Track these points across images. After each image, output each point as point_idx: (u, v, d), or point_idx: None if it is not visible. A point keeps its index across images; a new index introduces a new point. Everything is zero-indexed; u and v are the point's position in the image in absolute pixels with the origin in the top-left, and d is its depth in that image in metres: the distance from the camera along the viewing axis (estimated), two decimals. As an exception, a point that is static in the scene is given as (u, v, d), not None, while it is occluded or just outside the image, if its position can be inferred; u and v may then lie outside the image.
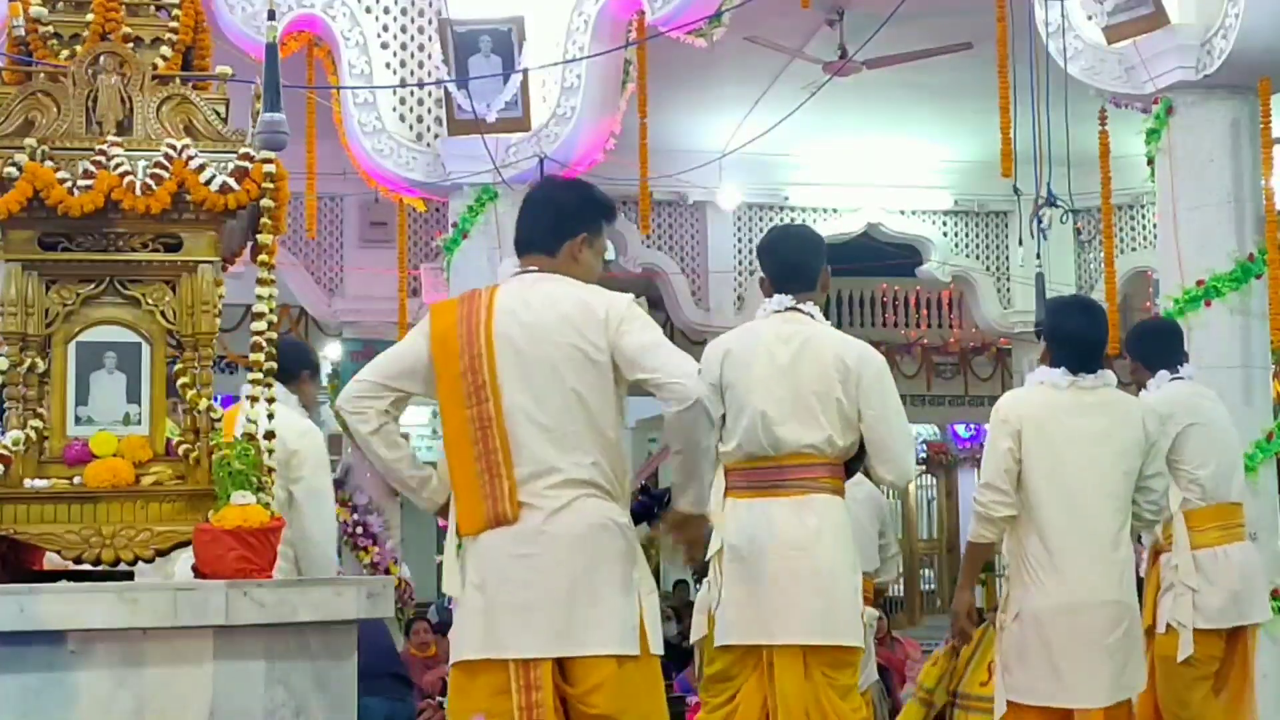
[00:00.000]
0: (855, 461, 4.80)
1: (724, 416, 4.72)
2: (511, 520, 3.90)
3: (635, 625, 3.90)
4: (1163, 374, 6.28)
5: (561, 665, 3.88)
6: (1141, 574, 6.32)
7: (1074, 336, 5.29)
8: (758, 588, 4.63)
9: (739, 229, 13.91)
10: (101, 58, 4.15)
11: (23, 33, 4.23)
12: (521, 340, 3.96)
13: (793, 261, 4.86)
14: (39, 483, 3.97)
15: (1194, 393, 6.31)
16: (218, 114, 4.21)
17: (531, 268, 4.13)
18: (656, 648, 3.96)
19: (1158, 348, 6.43)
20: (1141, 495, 5.22)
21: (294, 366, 5.61)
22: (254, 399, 4.10)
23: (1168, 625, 6.08)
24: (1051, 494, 5.12)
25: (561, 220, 4.16)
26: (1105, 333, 5.37)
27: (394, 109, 9.57)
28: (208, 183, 4.00)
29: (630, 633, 3.89)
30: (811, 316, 4.81)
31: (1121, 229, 13.74)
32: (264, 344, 4.12)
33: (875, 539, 6.86)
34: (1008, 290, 14.57)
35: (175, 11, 4.33)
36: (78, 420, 4.05)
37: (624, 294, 4.08)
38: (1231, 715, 6.19)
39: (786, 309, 4.81)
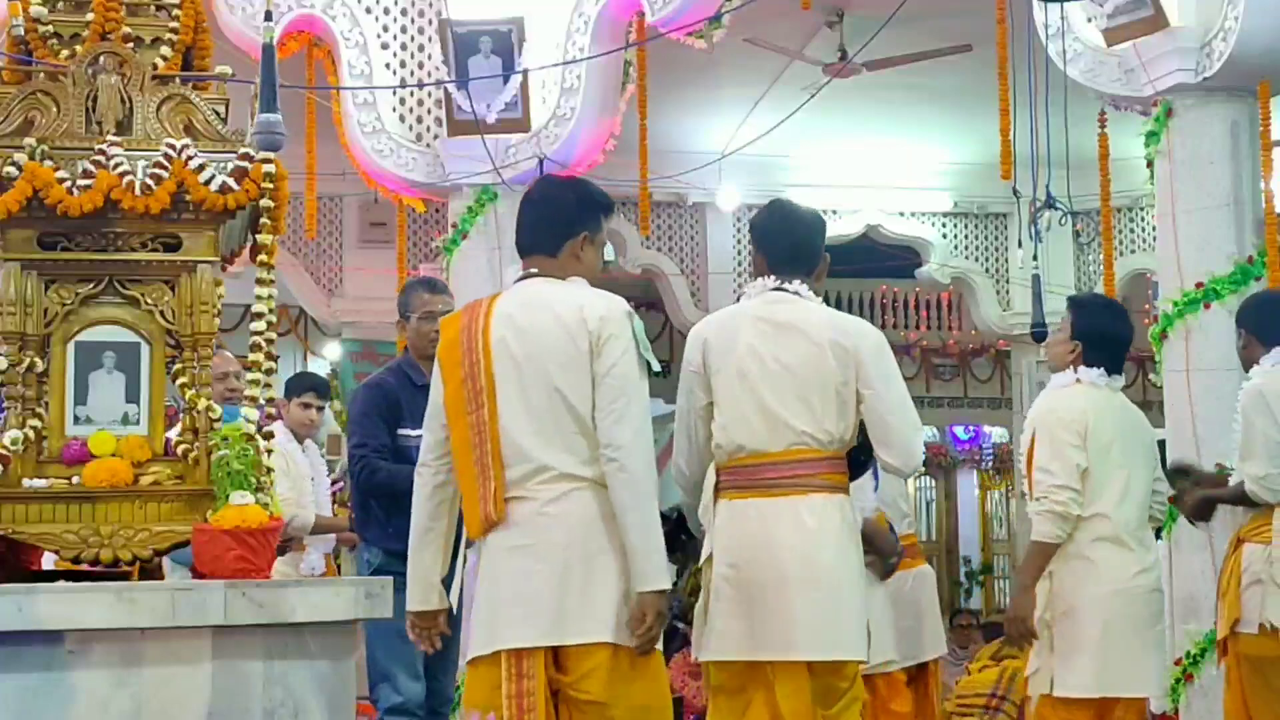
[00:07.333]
0: (859, 467, 4.47)
1: (710, 405, 4.42)
2: (498, 521, 3.93)
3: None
4: (1278, 350, 5.81)
5: (556, 655, 3.89)
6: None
7: (1121, 339, 5.50)
8: (752, 597, 4.24)
9: (739, 230, 13.86)
10: (101, 58, 4.15)
11: (22, 32, 4.23)
12: (515, 344, 3.97)
13: (792, 242, 4.48)
14: (37, 482, 3.97)
15: None
16: (217, 114, 4.21)
17: (533, 270, 4.13)
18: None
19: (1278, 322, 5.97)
20: (1153, 497, 5.44)
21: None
22: (254, 399, 4.10)
23: (1260, 625, 5.59)
24: (1109, 486, 5.25)
25: (560, 220, 4.14)
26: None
27: (394, 109, 9.55)
28: (207, 183, 4.00)
29: (627, 623, 3.88)
30: (798, 295, 4.42)
31: (1121, 231, 13.72)
32: (263, 344, 4.11)
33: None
34: (1007, 292, 14.55)
35: (175, 11, 4.33)
36: (76, 420, 4.05)
37: (621, 304, 4.03)
38: None
39: (771, 289, 4.43)
